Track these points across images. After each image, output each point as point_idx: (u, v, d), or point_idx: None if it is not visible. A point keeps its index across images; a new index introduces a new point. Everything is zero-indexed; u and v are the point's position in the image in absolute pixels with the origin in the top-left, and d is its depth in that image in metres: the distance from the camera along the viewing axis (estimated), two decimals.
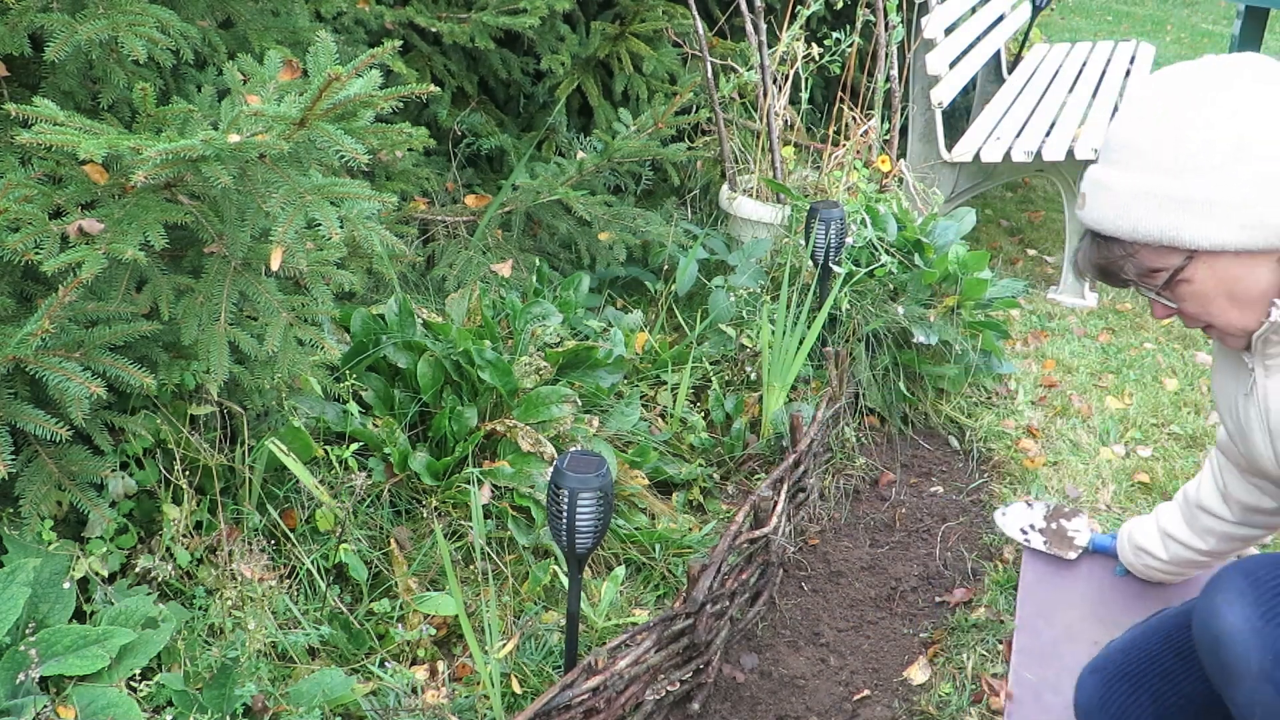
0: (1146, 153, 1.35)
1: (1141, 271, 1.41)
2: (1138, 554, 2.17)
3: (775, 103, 3.56)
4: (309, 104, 1.63)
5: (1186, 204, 1.33)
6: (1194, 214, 1.33)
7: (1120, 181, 1.38)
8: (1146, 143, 1.35)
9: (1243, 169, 1.30)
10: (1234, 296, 1.38)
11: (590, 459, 1.82)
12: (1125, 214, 1.37)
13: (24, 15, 1.75)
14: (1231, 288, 1.37)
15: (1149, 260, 1.39)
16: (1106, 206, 1.40)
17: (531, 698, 1.99)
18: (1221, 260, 1.35)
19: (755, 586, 2.28)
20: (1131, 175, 1.37)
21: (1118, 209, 1.38)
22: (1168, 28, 9.34)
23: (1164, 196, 1.34)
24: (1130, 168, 1.37)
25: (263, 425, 2.23)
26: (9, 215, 1.62)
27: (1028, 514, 2.43)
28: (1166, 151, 1.34)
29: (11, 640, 1.72)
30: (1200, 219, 1.33)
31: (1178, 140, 1.33)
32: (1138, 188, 1.36)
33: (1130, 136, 1.38)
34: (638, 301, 3.42)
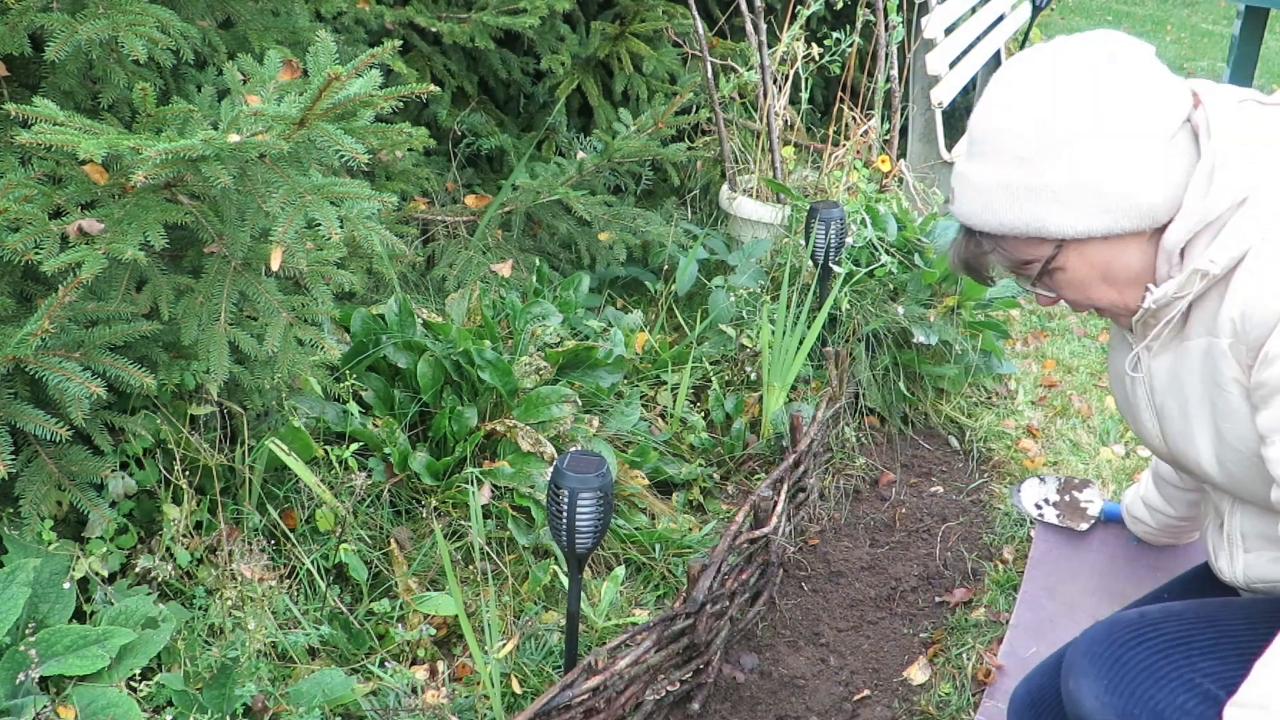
0: (1002, 143, 1.33)
1: (1014, 264, 1.39)
2: (1135, 523, 2.18)
3: (775, 103, 3.56)
4: (309, 104, 1.63)
5: (1046, 193, 1.31)
6: (1055, 202, 1.31)
7: (981, 174, 1.35)
8: (1001, 133, 1.33)
9: (1097, 152, 1.28)
10: (1111, 279, 1.37)
11: (590, 459, 1.82)
12: (988, 207, 1.35)
13: (24, 15, 1.75)
14: (1106, 271, 1.36)
15: (1019, 252, 1.37)
16: (971, 200, 1.37)
17: (531, 698, 1.99)
18: (1091, 246, 1.34)
19: (755, 586, 2.28)
20: (990, 167, 1.34)
21: (981, 202, 1.36)
22: (1168, 28, 9.34)
23: (1023, 187, 1.32)
24: (988, 159, 1.35)
25: (263, 425, 2.23)
26: (9, 215, 1.62)
27: (1041, 489, 2.43)
28: (1021, 140, 1.31)
29: (11, 640, 1.72)
30: (1062, 207, 1.30)
31: (1029, 128, 1.31)
32: (997, 179, 1.33)
33: (986, 127, 1.35)
34: (638, 301, 3.42)
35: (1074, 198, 1.30)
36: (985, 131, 1.36)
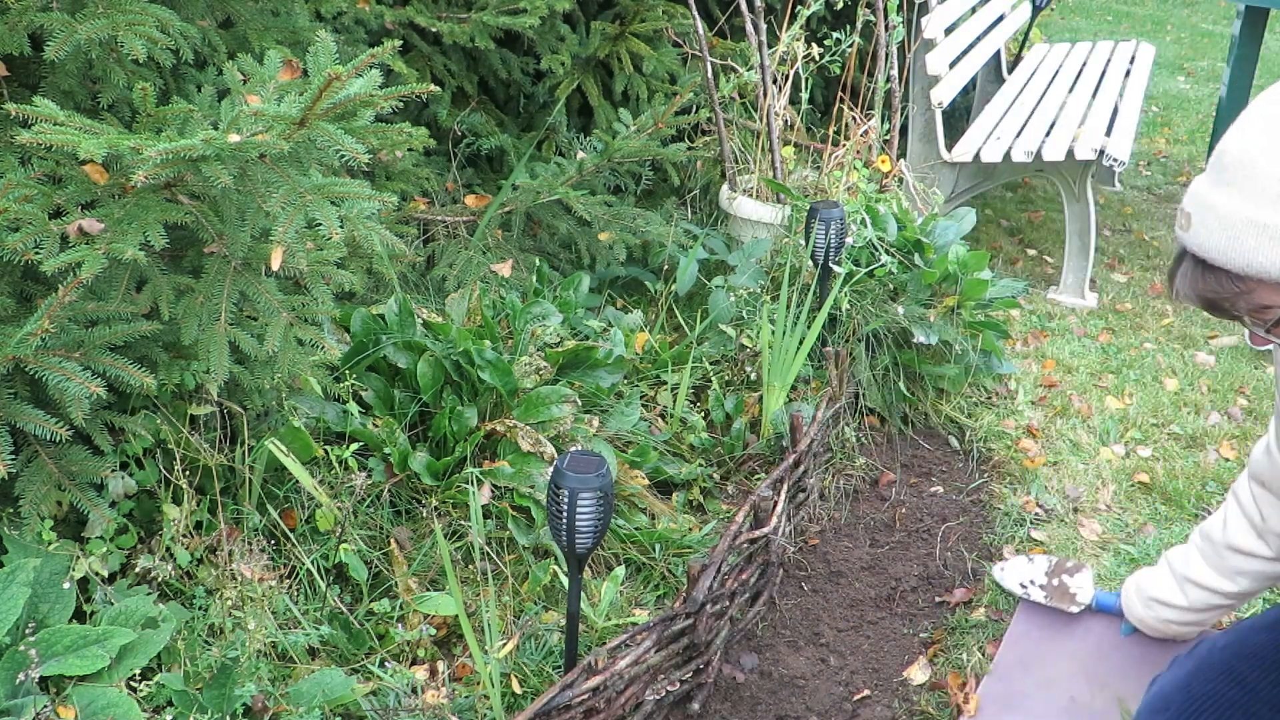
0: (1261, 177, 1.20)
1: (1253, 307, 1.27)
2: (1150, 606, 2.00)
3: (775, 103, 3.56)
4: (309, 104, 1.63)
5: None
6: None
7: (1233, 206, 1.23)
8: (1260, 165, 1.20)
9: None
10: None
11: (590, 459, 1.82)
12: (1237, 244, 1.22)
13: (24, 15, 1.75)
14: None
15: (1264, 297, 1.25)
16: (1216, 233, 1.24)
17: (531, 698, 1.99)
18: None
19: (755, 586, 2.28)
20: (1241, 200, 1.22)
21: (1229, 238, 1.23)
22: (1168, 28, 9.34)
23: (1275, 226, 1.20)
24: (1245, 192, 1.22)
25: (263, 425, 2.23)
26: (9, 215, 1.62)
27: (1028, 569, 2.31)
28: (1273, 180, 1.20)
29: (11, 640, 1.72)
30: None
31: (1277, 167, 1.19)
32: (1254, 217, 1.21)
33: (1249, 156, 1.22)
34: (638, 301, 3.42)
35: None
36: (1241, 159, 1.22)
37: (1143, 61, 4.99)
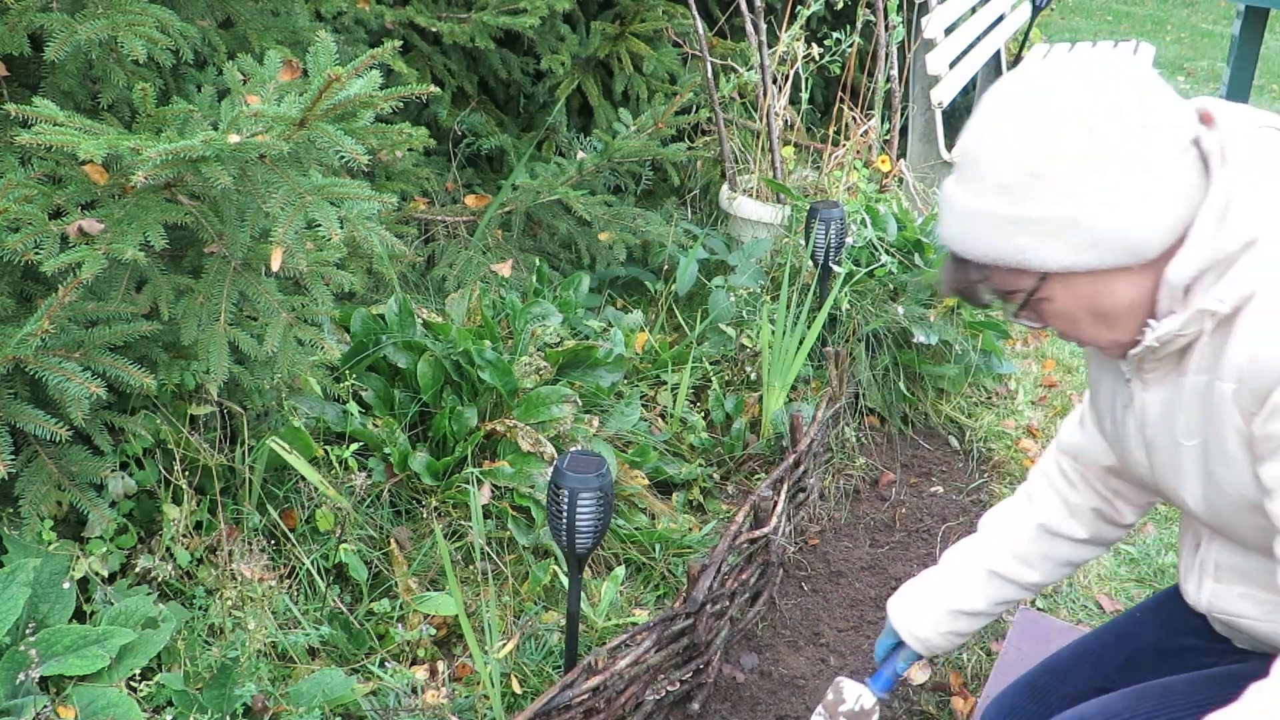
0: (985, 170, 1.26)
1: (998, 293, 1.33)
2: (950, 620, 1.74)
3: (775, 103, 3.57)
4: (309, 104, 1.63)
5: (1029, 224, 1.24)
6: (1037, 235, 1.24)
7: (964, 200, 1.29)
8: (985, 158, 1.26)
9: (1084, 185, 1.22)
10: (1099, 313, 1.31)
11: (590, 459, 1.82)
12: (971, 234, 1.29)
13: (24, 15, 1.75)
14: (1093, 305, 1.30)
15: (1003, 282, 1.31)
16: (954, 226, 1.32)
17: (531, 698, 1.99)
18: (1076, 280, 1.28)
19: (755, 586, 2.28)
20: (973, 194, 1.28)
21: (964, 230, 1.30)
22: (1168, 27, 9.34)
23: (1005, 217, 1.25)
24: (971, 185, 1.28)
25: (263, 425, 2.23)
26: (9, 215, 1.62)
27: None
28: (1004, 169, 1.25)
29: (11, 640, 1.72)
30: (1045, 240, 1.24)
31: (1012, 157, 1.24)
32: (980, 206, 1.27)
33: (973, 151, 1.28)
34: (638, 301, 3.42)
35: (1058, 232, 1.24)
36: (972, 154, 1.29)
37: (1143, 61, 4.98)
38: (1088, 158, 1.21)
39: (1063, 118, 1.22)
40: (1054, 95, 1.23)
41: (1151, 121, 1.22)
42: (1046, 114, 1.23)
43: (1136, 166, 1.21)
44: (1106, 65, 1.25)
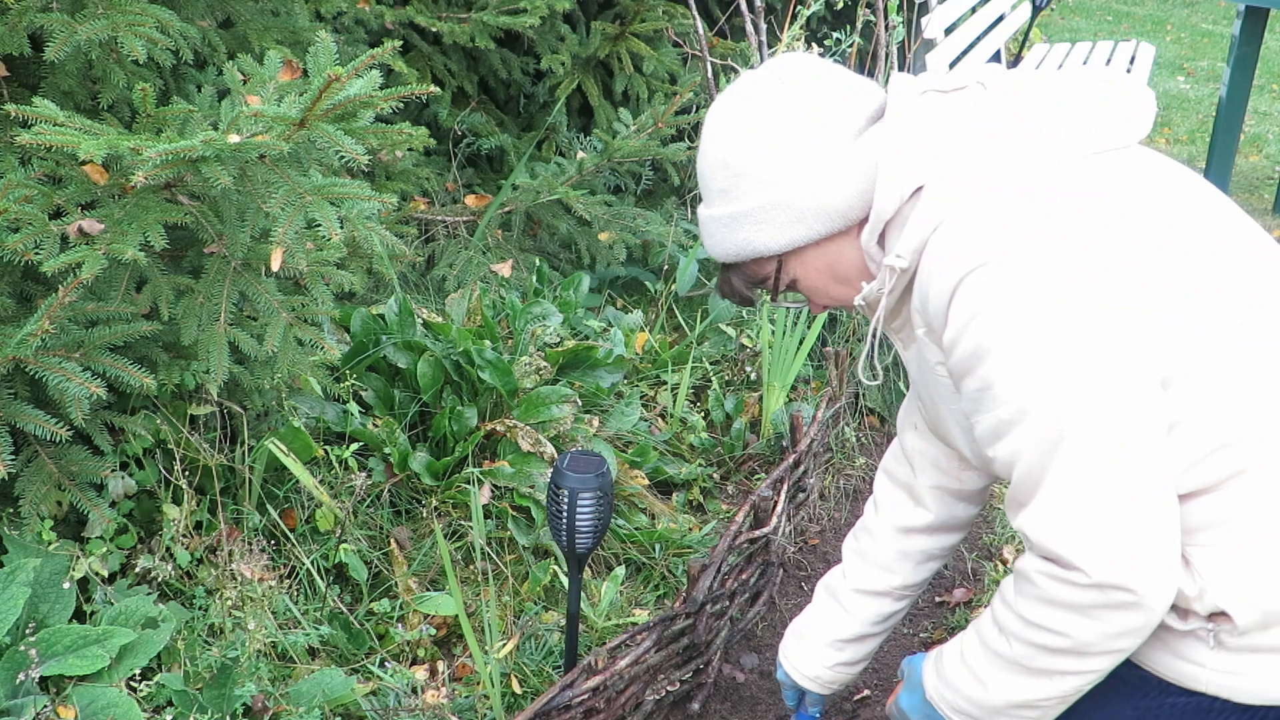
0: (706, 183, 1.43)
1: (755, 284, 1.47)
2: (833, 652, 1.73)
3: None
4: (309, 104, 1.63)
5: (745, 218, 1.39)
6: (755, 224, 1.39)
7: (702, 212, 1.45)
8: (703, 174, 1.43)
9: (772, 170, 1.36)
10: (841, 279, 1.43)
11: (590, 459, 1.82)
12: (711, 240, 1.44)
13: (24, 15, 1.75)
14: (833, 272, 1.42)
15: (752, 274, 1.45)
16: (704, 237, 1.47)
17: (531, 698, 1.99)
18: (806, 253, 1.41)
19: (755, 586, 2.28)
20: (705, 205, 1.45)
21: (707, 237, 1.45)
22: (1168, 27, 9.34)
23: (728, 216, 1.40)
24: (704, 199, 1.45)
25: (263, 425, 2.23)
26: (9, 215, 1.62)
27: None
28: (716, 177, 1.41)
29: (11, 640, 1.72)
30: (761, 226, 1.38)
31: (717, 165, 1.40)
32: (710, 214, 1.43)
33: (698, 169, 1.45)
34: (638, 301, 3.42)
35: (767, 215, 1.38)
36: (698, 171, 1.46)
37: (1143, 61, 4.99)
38: (774, 146, 1.36)
39: (745, 120, 1.39)
40: (736, 104, 1.40)
41: (824, 103, 1.36)
42: (733, 121, 1.39)
43: (813, 145, 1.35)
44: (780, 66, 1.40)
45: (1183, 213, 1.28)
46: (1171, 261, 1.22)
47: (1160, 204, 1.27)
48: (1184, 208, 1.28)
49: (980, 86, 1.35)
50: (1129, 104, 1.32)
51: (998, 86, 1.34)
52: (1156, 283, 1.20)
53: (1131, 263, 1.20)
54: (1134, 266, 1.20)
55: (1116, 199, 1.25)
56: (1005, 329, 1.20)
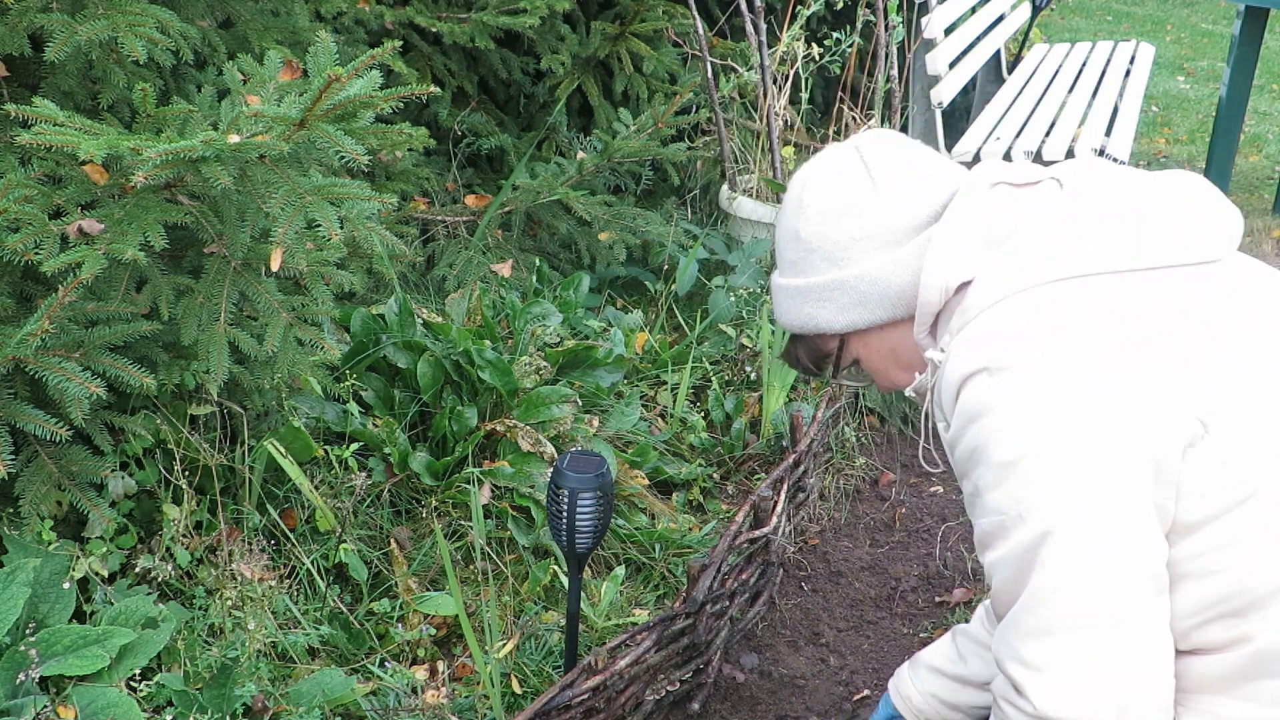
0: (781, 250, 1.46)
1: (818, 358, 1.49)
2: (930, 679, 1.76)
3: (775, 103, 3.57)
4: (309, 105, 1.63)
5: (811, 293, 1.41)
6: (820, 301, 1.40)
7: (774, 279, 1.49)
8: (779, 240, 1.46)
9: (842, 252, 1.37)
10: (903, 365, 1.43)
11: (590, 459, 1.82)
12: (779, 309, 1.47)
13: (24, 15, 1.75)
14: (894, 356, 1.43)
15: (817, 348, 1.47)
16: (773, 303, 1.50)
17: (531, 698, 1.99)
18: (870, 335, 1.42)
19: (755, 586, 2.28)
20: (779, 274, 1.47)
21: (775, 305, 1.49)
22: (1168, 27, 9.34)
23: (796, 290, 1.42)
24: (778, 267, 1.48)
25: (263, 425, 2.23)
26: (9, 215, 1.62)
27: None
28: (788, 249, 1.43)
29: (11, 640, 1.72)
30: (825, 304, 1.40)
31: (790, 238, 1.42)
32: (781, 284, 1.46)
33: (775, 235, 1.48)
34: (638, 301, 3.42)
35: (832, 295, 1.39)
36: (775, 238, 1.48)
37: (1143, 61, 4.99)
38: (845, 229, 1.37)
39: (820, 200, 1.39)
40: (813, 181, 1.41)
41: (896, 191, 1.36)
42: (813, 194, 1.39)
43: (883, 231, 1.35)
44: (862, 147, 1.40)
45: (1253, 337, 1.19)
46: (1221, 389, 1.14)
47: (1225, 326, 1.19)
48: (1256, 332, 1.20)
49: (1055, 183, 1.33)
50: (1213, 215, 1.26)
51: (1074, 186, 1.31)
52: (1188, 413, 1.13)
53: (1156, 391, 1.13)
54: (1158, 395, 1.13)
55: (1169, 316, 1.18)
56: (995, 439, 1.17)
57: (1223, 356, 1.17)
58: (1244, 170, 5.52)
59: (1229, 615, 1.15)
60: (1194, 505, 1.14)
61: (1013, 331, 1.19)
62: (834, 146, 1.44)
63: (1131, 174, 1.31)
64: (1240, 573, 1.13)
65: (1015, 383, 1.16)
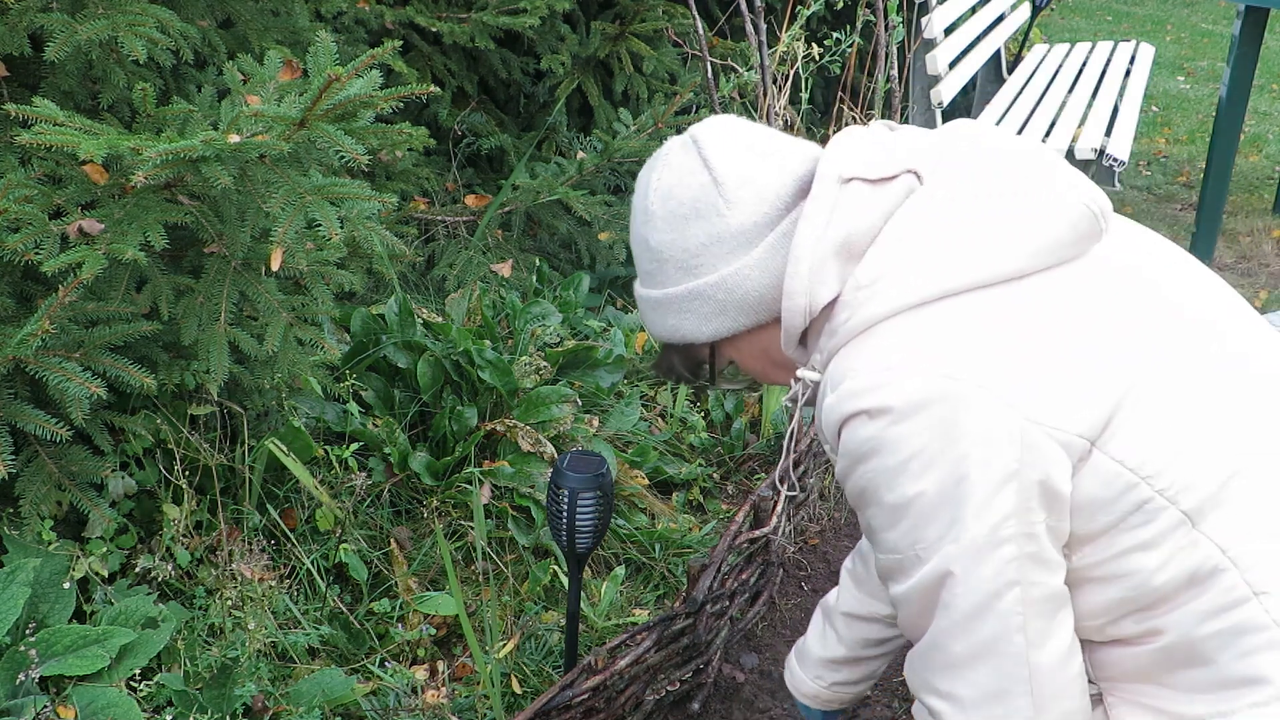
0: (638, 261, 1.38)
1: (693, 365, 1.41)
2: (812, 667, 1.77)
3: (775, 103, 3.56)
4: (309, 104, 1.63)
5: (670, 304, 1.33)
6: (680, 312, 1.33)
7: (636, 290, 1.41)
8: (634, 250, 1.38)
9: (691, 263, 1.30)
10: (779, 364, 1.36)
11: (590, 459, 1.82)
12: (645, 321, 1.40)
13: (24, 15, 1.75)
14: (770, 358, 1.36)
15: (690, 356, 1.40)
16: (640, 315, 1.43)
17: (531, 698, 1.99)
18: (739, 340, 1.35)
19: (755, 586, 2.28)
20: (637, 283, 1.40)
21: (642, 315, 1.41)
22: (1168, 27, 9.34)
23: (655, 300, 1.35)
24: (638, 277, 1.40)
25: (263, 425, 2.23)
26: (9, 215, 1.62)
27: None
28: (640, 259, 1.36)
29: (11, 640, 1.72)
30: (686, 315, 1.33)
31: (640, 249, 1.35)
32: (641, 295, 1.39)
33: (631, 245, 1.41)
34: None
35: (692, 305, 1.31)
36: (630, 246, 1.41)
37: (1143, 61, 4.99)
38: (691, 235, 1.29)
39: (666, 200, 1.31)
40: (654, 188, 1.32)
41: (741, 188, 1.27)
42: (654, 199, 1.31)
43: (732, 235, 1.27)
44: (697, 139, 1.31)
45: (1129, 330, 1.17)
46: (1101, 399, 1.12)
47: (1097, 329, 1.16)
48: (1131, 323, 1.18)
49: (913, 177, 1.24)
50: (1071, 214, 1.19)
51: (931, 179, 1.23)
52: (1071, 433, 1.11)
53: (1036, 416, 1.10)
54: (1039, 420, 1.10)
55: (1036, 334, 1.14)
56: (883, 482, 1.15)
57: (1102, 359, 1.14)
58: (1244, 170, 5.52)
59: (1137, 611, 1.16)
60: (1090, 518, 1.13)
61: (886, 369, 1.15)
62: (673, 141, 1.35)
63: (988, 158, 1.24)
64: (1141, 576, 1.14)
65: (897, 425, 1.12)
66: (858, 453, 1.16)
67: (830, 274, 1.21)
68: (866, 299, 1.18)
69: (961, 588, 1.14)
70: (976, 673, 1.16)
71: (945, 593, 1.15)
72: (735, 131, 1.32)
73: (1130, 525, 1.13)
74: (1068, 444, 1.11)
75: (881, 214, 1.22)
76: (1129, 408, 1.12)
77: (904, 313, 1.16)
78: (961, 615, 1.15)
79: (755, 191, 1.27)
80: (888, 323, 1.17)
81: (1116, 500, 1.12)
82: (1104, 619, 1.19)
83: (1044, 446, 1.10)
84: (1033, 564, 1.13)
